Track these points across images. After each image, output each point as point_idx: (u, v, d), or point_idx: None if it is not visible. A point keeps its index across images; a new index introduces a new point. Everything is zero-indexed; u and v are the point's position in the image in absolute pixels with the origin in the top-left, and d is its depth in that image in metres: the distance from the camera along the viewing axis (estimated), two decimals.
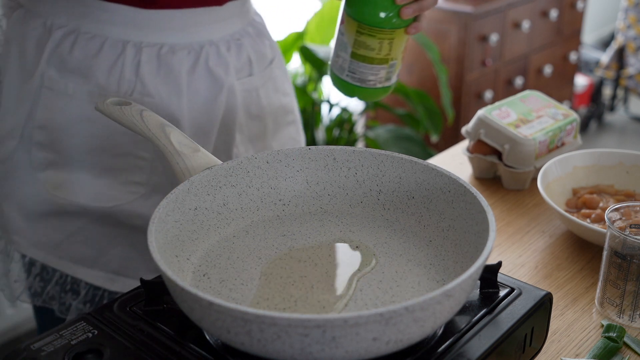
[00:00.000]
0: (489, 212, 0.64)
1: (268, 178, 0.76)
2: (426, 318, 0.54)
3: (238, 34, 0.96)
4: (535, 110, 1.09)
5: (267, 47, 1.01)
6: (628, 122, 3.77)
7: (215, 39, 0.92)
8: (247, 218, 0.74)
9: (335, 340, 0.51)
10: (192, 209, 0.70)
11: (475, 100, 2.67)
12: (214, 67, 0.92)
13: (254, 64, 0.98)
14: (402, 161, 0.75)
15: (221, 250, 0.70)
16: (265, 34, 1.02)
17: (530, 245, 0.92)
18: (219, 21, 0.93)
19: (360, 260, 0.69)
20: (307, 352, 0.52)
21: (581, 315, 0.78)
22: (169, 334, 0.61)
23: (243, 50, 0.96)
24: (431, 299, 0.53)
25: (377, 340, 0.52)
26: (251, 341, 0.53)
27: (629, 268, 0.74)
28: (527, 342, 0.66)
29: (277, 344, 0.52)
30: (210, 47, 0.92)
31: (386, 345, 0.53)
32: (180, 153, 0.72)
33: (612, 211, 0.78)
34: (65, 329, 0.61)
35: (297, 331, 0.51)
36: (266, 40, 1.01)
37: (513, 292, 0.67)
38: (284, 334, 0.51)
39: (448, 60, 2.56)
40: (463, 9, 2.52)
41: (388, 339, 0.53)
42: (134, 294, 0.67)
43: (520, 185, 1.05)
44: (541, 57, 2.99)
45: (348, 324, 0.50)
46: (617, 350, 0.72)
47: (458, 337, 0.61)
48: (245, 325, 0.52)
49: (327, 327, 0.50)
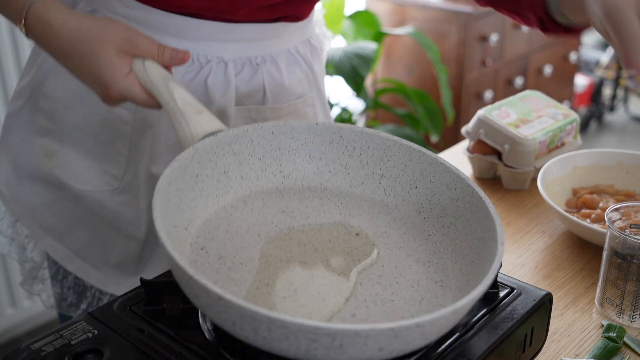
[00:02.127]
0: (497, 222, 0.63)
1: (271, 148, 0.73)
2: (432, 332, 0.54)
3: (260, 58, 0.89)
4: (535, 110, 1.09)
5: (302, 81, 0.95)
6: (628, 122, 3.77)
7: (227, 57, 0.87)
8: (245, 188, 0.72)
9: (342, 347, 0.51)
10: (193, 176, 0.67)
11: (475, 101, 2.67)
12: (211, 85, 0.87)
13: (269, 94, 0.91)
14: (410, 150, 0.73)
15: (219, 222, 0.68)
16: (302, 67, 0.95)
17: (530, 245, 0.92)
18: (237, 40, 0.87)
19: (360, 250, 0.68)
20: (311, 354, 0.52)
21: (581, 315, 0.78)
22: (169, 334, 0.61)
23: (257, 76, 0.90)
24: (441, 317, 0.53)
25: (382, 350, 0.52)
26: (256, 337, 0.52)
27: (629, 268, 0.74)
28: (527, 342, 0.66)
29: (284, 344, 0.52)
30: (217, 64, 0.87)
31: (390, 354, 0.53)
32: (183, 112, 0.70)
33: (612, 211, 0.78)
34: (65, 329, 0.61)
35: (307, 336, 0.50)
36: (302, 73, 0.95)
37: (513, 292, 0.67)
38: (292, 337, 0.51)
39: (448, 60, 2.56)
40: (463, 9, 2.51)
41: (392, 349, 0.53)
42: (134, 294, 0.67)
43: (520, 185, 1.05)
44: (541, 57, 2.99)
45: (359, 335, 0.50)
46: (617, 350, 0.72)
47: (458, 337, 0.61)
48: (254, 323, 0.51)
49: (337, 336, 0.50)
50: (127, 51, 0.73)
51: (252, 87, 0.89)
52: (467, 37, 2.53)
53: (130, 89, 0.73)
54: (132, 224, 0.92)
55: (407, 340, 0.53)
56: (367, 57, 2.14)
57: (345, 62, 2.12)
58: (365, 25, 2.40)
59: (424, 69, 2.61)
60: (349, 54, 2.15)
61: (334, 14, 2.32)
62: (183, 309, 0.64)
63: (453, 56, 2.57)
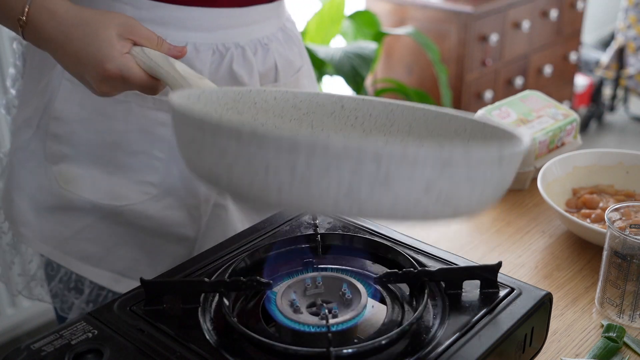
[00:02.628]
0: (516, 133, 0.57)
1: (273, 115, 0.71)
2: (477, 180, 0.49)
3: (267, 39, 0.92)
4: (535, 111, 1.09)
5: (296, 55, 0.99)
6: (628, 122, 3.77)
7: (242, 41, 0.90)
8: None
9: (387, 178, 0.46)
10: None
11: (475, 101, 2.67)
12: (238, 70, 0.89)
13: (280, 71, 0.95)
14: (414, 109, 0.69)
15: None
16: (295, 41, 0.99)
17: (530, 245, 0.92)
18: (247, 24, 0.90)
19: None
20: (354, 194, 0.46)
21: (581, 315, 0.78)
22: (169, 334, 0.61)
23: (270, 56, 0.93)
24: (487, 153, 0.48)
25: (427, 193, 0.47)
26: (292, 181, 0.47)
27: (629, 268, 0.74)
28: (527, 342, 0.66)
29: (323, 182, 0.46)
30: (235, 49, 0.89)
31: (435, 203, 0.48)
32: (185, 77, 0.70)
33: (612, 211, 0.78)
34: (65, 329, 0.61)
35: (349, 165, 0.45)
36: (295, 47, 0.99)
37: (513, 292, 0.67)
38: (333, 167, 0.45)
39: (448, 61, 2.56)
40: (463, 9, 2.52)
41: (439, 192, 0.47)
42: (134, 294, 0.67)
43: (520, 185, 1.05)
44: (541, 57, 2.99)
45: (407, 159, 0.45)
46: (617, 350, 0.72)
47: (458, 337, 0.61)
48: (291, 157, 0.46)
49: (383, 159, 0.45)
50: (127, 36, 0.74)
51: (267, 67, 0.93)
52: (467, 37, 2.53)
53: (128, 65, 0.73)
54: (182, 225, 0.92)
55: (454, 181, 0.47)
56: (367, 57, 2.14)
57: (345, 62, 2.12)
58: (365, 25, 2.40)
59: (424, 69, 2.61)
60: (349, 54, 2.15)
61: (334, 14, 2.32)
62: (183, 309, 0.64)
63: (453, 56, 2.57)
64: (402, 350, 0.60)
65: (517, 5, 2.69)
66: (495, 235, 0.94)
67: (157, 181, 0.90)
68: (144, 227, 0.91)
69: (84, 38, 0.73)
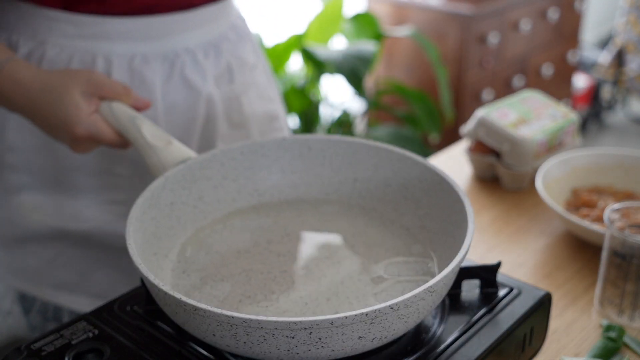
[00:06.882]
0: (466, 202, 0.64)
1: (243, 169, 0.75)
2: (410, 314, 0.54)
3: (216, 40, 0.90)
4: (534, 111, 1.09)
5: (250, 52, 0.97)
6: (627, 123, 3.77)
7: (191, 45, 0.87)
8: (223, 210, 0.74)
9: (321, 340, 0.52)
10: (168, 205, 0.69)
11: (474, 101, 2.67)
12: (190, 76, 0.87)
13: (235, 70, 0.93)
14: (378, 149, 0.74)
15: (199, 245, 0.70)
16: (247, 38, 0.96)
17: (530, 245, 0.92)
18: (195, 27, 0.87)
19: (339, 252, 0.69)
20: (293, 353, 0.52)
21: (581, 315, 0.78)
22: (169, 333, 0.61)
23: (222, 56, 0.91)
24: (415, 297, 0.53)
25: (362, 339, 0.53)
26: (237, 344, 0.53)
27: (629, 268, 0.75)
28: (527, 341, 0.66)
29: (264, 346, 0.52)
30: (186, 54, 0.87)
31: (371, 342, 0.54)
32: (152, 146, 0.72)
33: (612, 211, 0.78)
34: (65, 329, 0.61)
35: (284, 334, 0.51)
36: (248, 44, 0.96)
37: (512, 292, 0.67)
38: (270, 337, 0.51)
39: (447, 61, 2.56)
40: (462, 9, 2.52)
41: (373, 337, 0.53)
42: (134, 294, 0.67)
43: (519, 185, 1.05)
44: (540, 57, 2.99)
45: (334, 325, 0.51)
46: (617, 350, 0.72)
47: (458, 336, 0.61)
48: (231, 329, 0.52)
49: (313, 329, 0.51)
50: (92, 93, 0.74)
51: (220, 69, 0.91)
52: (467, 37, 2.53)
53: (96, 125, 0.74)
54: None
55: (385, 326, 0.53)
56: (367, 58, 2.15)
57: (346, 63, 2.12)
58: (365, 27, 2.40)
59: (423, 70, 2.61)
60: (349, 55, 2.15)
61: (335, 15, 2.32)
62: None
63: (452, 57, 2.57)
64: (401, 349, 0.60)
65: (516, 5, 2.69)
66: (494, 235, 0.94)
67: (124, 199, 0.89)
68: (116, 247, 0.89)
69: (52, 103, 0.74)
